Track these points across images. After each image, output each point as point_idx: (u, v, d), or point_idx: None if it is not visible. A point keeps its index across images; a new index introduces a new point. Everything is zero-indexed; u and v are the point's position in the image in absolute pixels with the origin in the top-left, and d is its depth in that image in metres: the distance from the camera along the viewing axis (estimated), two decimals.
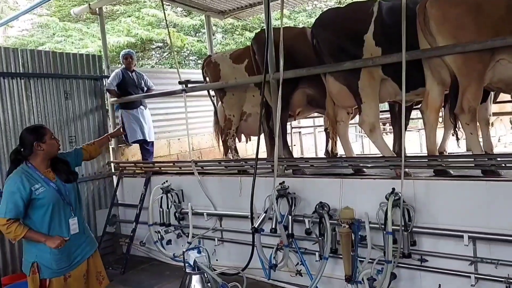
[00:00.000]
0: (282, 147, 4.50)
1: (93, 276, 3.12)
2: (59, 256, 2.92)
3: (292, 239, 3.92)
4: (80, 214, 3.13)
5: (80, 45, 13.69)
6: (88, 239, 3.15)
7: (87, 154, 3.46)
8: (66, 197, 3.01)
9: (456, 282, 3.31)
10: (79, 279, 3.02)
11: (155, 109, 7.00)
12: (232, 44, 14.51)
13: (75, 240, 3.01)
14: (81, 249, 3.05)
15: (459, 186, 3.37)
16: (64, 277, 2.96)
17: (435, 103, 3.76)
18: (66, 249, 2.94)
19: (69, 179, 3.07)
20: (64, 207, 2.99)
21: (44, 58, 5.40)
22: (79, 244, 3.04)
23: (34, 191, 2.88)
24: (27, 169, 2.95)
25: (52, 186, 2.96)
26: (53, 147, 3.03)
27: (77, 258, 3.02)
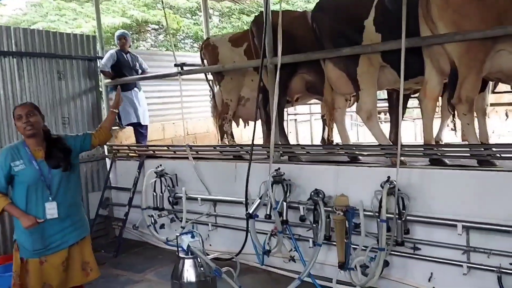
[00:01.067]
0: (279, 133, 4.47)
1: (76, 266, 2.99)
2: (32, 237, 2.86)
3: (286, 225, 3.92)
4: (65, 201, 2.96)
5: (74, 25, 13.46)
6: (74, 226, 3.00)
7: (95, 140, 3.23)
8: (48, 180, 2.90)
9: (448, 271, 3.33)
10: (56, 266, 2.90)
11: (150, 92, 6.93)
12: (229, 28, 14.35)
13: (53, 225, 2.90)
14: (61, 235, 2.92)
15: (454, 176, 3.37)
16: (40, 260, 2.88)
17: (433, 92, 3.73)
18: (40, 231, 2.87)
19: (58, 166, 2.92)
20: (43, 190, 2.89)
21: (37, 37, 5.28)
22: (58, 229, 2.92)
23: (13, 167, 2.85)
24: (19, 144, 2.95)
25: (33, 165, 2.87)
26: (19, 129, 2.92)
27: (54, 243, 2.90)
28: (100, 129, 3.33)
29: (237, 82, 5.24)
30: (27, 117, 2.87)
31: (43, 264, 2.89)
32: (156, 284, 4.21)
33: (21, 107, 2.95)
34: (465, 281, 3.25)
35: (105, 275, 4.30)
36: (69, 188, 3.00)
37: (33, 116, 2.90)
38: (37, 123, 2.92)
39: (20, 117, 2.88)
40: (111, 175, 5.86)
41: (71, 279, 2.97)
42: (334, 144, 4.88)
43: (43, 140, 2.97)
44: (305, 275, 3.62)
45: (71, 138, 3.17)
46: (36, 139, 2.94)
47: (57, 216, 2.90)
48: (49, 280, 2.90)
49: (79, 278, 3.01)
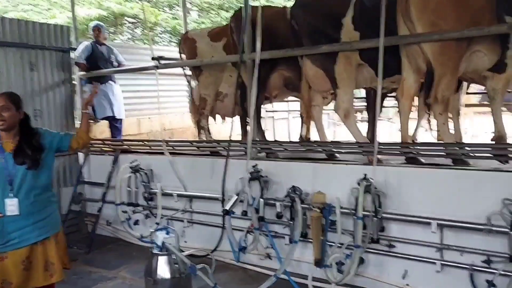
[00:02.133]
0: (256, 130, 4.44)
1: (39, 266, 2.85)
2: None
3: (263, 222, 3.90)
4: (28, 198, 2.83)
5: (48, 16, 13.09)
6: (37, 225, 2.85)
7: (75, 143, 3.07)
8: (11, 175, 2.78)
9: (422, 268, 3.37)
10: (16, 264, 2.78)
11: (126, 85, 6.79)
12: (208, 23, 14.22)
13: (13, 222, 2.78)
14: (20, 232, 2.79)
15: (429, 174, 3.42)
16: (1, 256, 2.78)
17: (410, 90, 3.76)
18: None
19: (23, 163, 2.79)
20: (4, 185, 2.78)
21: (9, 26, 5.08)
22: (19, 227, 2.79)
23: None
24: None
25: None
26: None
27: (13, 240, 2.79)
28: (78, 134, 3.14)
29: (215, 78, 5.18)
30: (1, 111, 2.77)
31: (3, 260, 2.79)
32: (130, 281, 4.13)
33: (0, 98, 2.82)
34: (438, 278, 3.30)
35: (77, 271, 4.22)
36: (35, 186, 2.86)
37: (6, 111, 2.78)
38: (10, 118, 2.79)
39: None
40: (84, 170, 5.72)
41: (32, 279, 2.84)
42: (312, 141, 4.89)
43: (18, 133, 2.86)
44: (281, 272, 3.61)
45: (49, 135, 3.01)
46: (9, 132, 2.83)
47: (17, 213, 2.78)
48: (9, 277, 2.79)
49: (41, 279, 2.86)
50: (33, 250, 2.83)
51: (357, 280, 3.60)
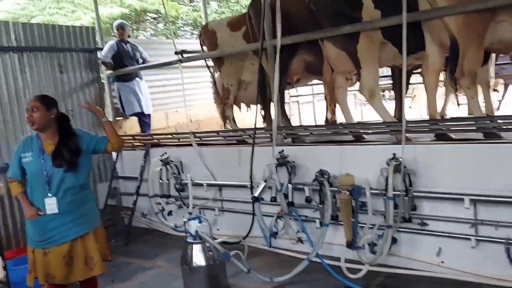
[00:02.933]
0: (281, 116, 4.45)
1: (79, 260, 2.98)
2: (34, 228, 2.96)
3: (292, 207, 3.93)
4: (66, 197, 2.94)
5: (73, 17, 13.40)
6: (75, 222, 2.97)
7: (110, 147, 3.13)
8: (49, 176, 2.91)
9: (456, 245, 3.33)
10: (58, 259, 2.93)
11: (151, 81, 6.93)
12: (228, 12, 14.22)
13: (53, 220, 2.92)
14: (60, 230, 2.93)
15: (460, 150, 3.34)
16: (44, 251, 2.93)
17: (435, 66, 3.68)
18: (40, 224, 2.93)
19: (59, 165, 2.91)
20: (43, 185, 2.92)
21: (37, 31, 5.26)
22: (58, 224, 2.92)
23: (23, 158, 2.96)
24: (34, 136, 3.01)
25: (40, 159, 2.92)
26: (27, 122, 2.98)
27: (53, 237, 2.93)
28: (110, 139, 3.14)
29: (237, 67, 5.20)
30: (31, 112, 2.91)
31: (46, 255, 2.94)
32: (167, 269, 4.26)
33: (30, 101, 2.98)
34: (473, 254, 3.25)
35: (116, 263, 4.36)
36: (72, 186, 2.98)
37: (36, 111, 2.91)
38: (39, 119, 2.91)
39: (27, 111, 2.95)
40: (117, 165, 5.89)
41: (74, 273, 2.98)
42: (338, 123, 4.86)
43: (56, 134, 2.99)
44: (313, 255, 3.64)
45: (87, 137, 3.12)
46: (46, 132, 2.97)
47: (57, 212, 2.92)
48: (52, 271, 2.94)
49: (81, 273, 2.99)
50: (73, 246, 2.96)
51: (390, 260, 3.59)
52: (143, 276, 4.19)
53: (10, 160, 4.77)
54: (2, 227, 4.63)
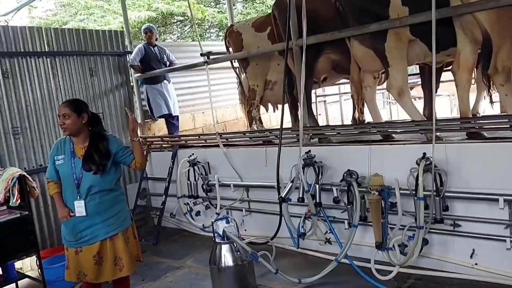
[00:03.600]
0: (307, 116, 4.43)
1: (108, 260, 3.02)
2: (66, 229, 3.06)
3: (320, 207, 3.90)
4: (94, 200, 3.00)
5: (103, 22, 13.73)
6: (104, 223, 3.01)
7: (134, 164, 3.17)
8: (78, 179, 2.99)
9: (490, 247, 3.23)
10: (88, 259, 3.00)
11: (178, 83, 7.01)
12: (253, 13, 14.23)
13: (83, 221, 3.00)
14: (91, 230, 2.99)
15: (493, 148, 3.24)
16: (76, 250, 3.02)
17: (467, 62, 3.57)
18: (71, 225, 3.02)
19: (89, 169, 2.97)
20: (73, 188, 3.00)
21: (68, 36, 5.42)
22: (88, 225, 2.99)
23: (56, 160, 3.04)
24: (68, 139, 3.08)
25: (71, 162, 3.00)
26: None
27: (83, 238, 3.00)
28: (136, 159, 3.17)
29: (262, 67, 5.20)
30: (62, 119, 2.98)
31: (78, 254, 3.02)
32: (196, 269, 4.31)
33: (61, 107, 3.01)
34: (508, 255, 3.14)
35: (147, 262, 4.45)
36: (101, 188, 3.02)
37: (67, 118, 2.96)
38: (71, 125, 2.97)
39: (59, 117, 3.02)
40: (146, 166, 5.99)
41: (103, 273, 3.03)
42: (366, 123, 4.79)
43: (88, 138, 3.05)
44: (342, 256, 3.60)
45: (118, 146, 3.12)
46: (78, 137, 3.04)
47: (84, 215, 2.98)
48: (84, 269, 3.02)
49: (111, 273, 3.04)
50: (103, 246, 3.01)
51: (421, 262, 3.52)
52: (172, 276, 4.25)
53: (45, 162, 4.98)
54: (38, 227, 4.77)
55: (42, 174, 4.97)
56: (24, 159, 4.86)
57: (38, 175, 4.90)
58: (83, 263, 3.02)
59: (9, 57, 4.80)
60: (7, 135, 4.74)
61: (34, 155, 4.96)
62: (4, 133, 4.72)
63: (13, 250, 3.81)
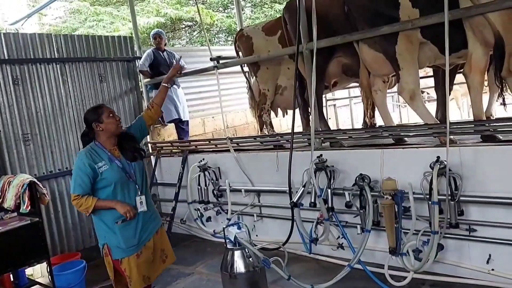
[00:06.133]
0: (319, 120, 4.39)
1: (157, 254, 3.04)
2: (125, 234, 2.89)
3: (332, 212, 3.86)
4: (147, 192, 3.07)
5: (112, 29, 13.83)
6: (153, 215, 3.09)
7: (148, 119, 3.23)
8: (132, 175, 2.96)
9: (508, 251, 3.16)
10: (148, 257, 2.97)
11: (188, 88, 7.02)
12: (262, 18, 14.24)
13: (141, 218, 2.96)
14: (147, 226, 2.99)
15: (508, 151, 3.18)
16: (137, 255, 2.93)
17: (479, 64, 3.52)
18: (133, 226, 2.92)
19: (135, 157, 2.98)
20: (129, 185, 2.94)
21: (78, 42, 5.46)
22: (145, 221, 2.98)
23: (98, 169, 2.85)
24: (94, 146, 2.95)
25: (116, 163, 2.91)
26: (111, 126, 2.93)
27: (144, 236, 2.96)
28: (151, 105, 3.27)
29: (273, 72, 5.19)
30: (114, 116, 2.97)
31: (139, 257, 2.94)
32: (207, 276, 4.28)
33: (106, 107, 3.01)
34: None
35: None
36: (145, 179, 3.08)
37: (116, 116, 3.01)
38: None
39: (112, 115, 2.96)
40: (156, 172, 6.00)
41: (157, 268, 3.07)
42: (377, 126, 4.74)
43: (115, 138, 3.02)
44: (355, 262, 3.55)
45: (131, 127, 3.20)
46: (113, 138, 3.00)
47: (146, 209, 2.97)
48: (147, 272, 2.98)
49: (160, 267, 3.09)
50: (155, 240, 3.04)
51: (436, 267, 3.46)
52: (183, 282, 4.22)
53: (55, 169, 4.99)
54: (48, 233, 4.78)
55: (53, 180, 5.01)
56: (34, 165, 4.88)
57: (48, 182, 4.92)
58: (146, 265, 2.96)
59: (19, 64, 4.84)
60: (18, 141, 4.78)
61: (44, 161, 4.98)
62: (14, 140, 4.75)
63: (24, 257, 3.82)
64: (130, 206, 2.88)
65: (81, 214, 3.01)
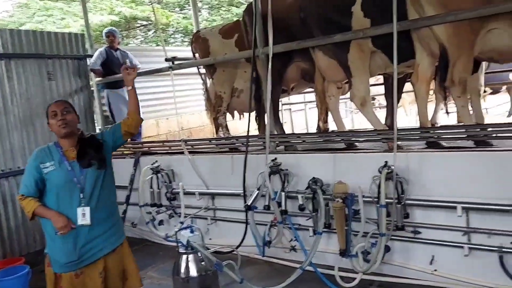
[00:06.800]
0: (274, 124, 4.44)
1: (112, 276, 2.69)
2: (62, 247, 2.57)
3: (286, 215, 3.91)
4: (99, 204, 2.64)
5: (62, 25, 13.32)
6: (109, 233, 2.68)
7: (124, 125, 2.84)
8: (81, 182, 2.59)
9: (449, 253, 3.33)
10: (94, 278, 2.60)
11: (142, 88, 6.83)
12: (219, 20, 14.24)
13: (86, 233, 2.58)
14: (95, 243, 2.61)
15: (451, 158, 3.36)
16: (76, 274, 2.58)
17: (425, 74, 3.71)
18: (70, 240, 2.56)
19: (90, 164, 2.61)
20: (74, 194, 2.58)
21: (25, 38, 5.21)
22: (92, 237, 2.60)
23: (43, 168, 2.58)
24: (51, 145, 2.68)
25: (65, 165, 2.60)
26: (54, 127, 2.62)
27: (88, 254, 2.59)
28: (128, 114, 2.91)
29: (229, 74, 5.19)
30: (62, 114, 2.61)
31: (79, 277, 2.59)
32: (158, 280, 4.19)
33: (56, 104, 2.68)
34: (467, 262, 3.25)
35: None
36: (103, 190, 2.67)
37: (68, 113, 2.64)
38: (72, 122, 2.65)
39: (55, 114, 2.61)
40: None
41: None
42: (330, 131, 4.86)
43: (78, 141, 2.69)
44: (307, 264, 3.62)
45: (102, 133, 2.90)
46: (70, 139, 2.66)
47: (89, 223, 2.58)
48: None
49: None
50: (108, 260, 2.66)
51: (384, 268, 3.58)
52: None
53: None
54: None
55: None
56: None
57: None
58: (88, 285, 2.60)
59: None
60: None
61: None
62: None
63: None
64: (67, 222, 2.53)
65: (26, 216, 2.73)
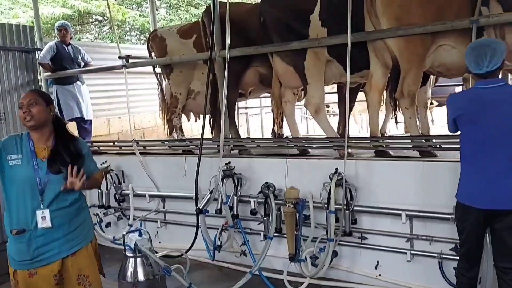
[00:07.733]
0: (229, 127, 4.43)
1: (71, 279, 2.56)
2: (17, 246, 2.47)
3: (237, 219, 3.90)
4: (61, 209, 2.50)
5: (10, 15, 12.65)
6: (69, 237, 2.54)
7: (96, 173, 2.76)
8: (43, 185, 2.46)
9: (393, 258, 3.46)
10: (47, 279, 2.48)
11: (94, 85, 6.65)
12: (177, 20, 14.06)
13: (43, 235, 2.47)
14: (51, 246, 2.49)
15: (397, 166, 3.49)
16: (29, 273, 2.47)
17: (378, 84, 3.83)
18: (25, 240, 2.45)
19: (57, 171, 2.46)
20: (34, 195, 2.46)
21: None
22: (49, 240, 2.48)
23: (9, 160, 2.44)
24: (25, 135, 2.52)
25: (32, 164, 2.45)
26: (21, 120, 2.49)
27: (43, 256, 2.47)
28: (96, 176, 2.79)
29: (186, 75, 5.12)
30: (28, 107, 2.44)
31: (32, 276, 2.48)
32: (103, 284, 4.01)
33: (25, 95, 2.51)
34: (409, 267, 3.38)
35: None
36: (68, 196, 2.54)
37: (35, 106, 2.46)
38: (38, 114, 2.46)
39: (21, 107, 2.46)
40: None
41: None
42: (284, 137, 4.92)
43: (52, 138, 2.54)
44: (256, 268, 3.63)
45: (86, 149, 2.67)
46: (40, 134, 2.50)
47: (50, 226, 2.46)
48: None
49: None
50: (65, 264, 2.54)
51: (331, 273, 3.66)
52: None
53: None
54: None
55: None
56: None
57: None
58: (41, 285, 2.48)
59: None
60: None
61: None
62: None
63: None
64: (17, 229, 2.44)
65: None
